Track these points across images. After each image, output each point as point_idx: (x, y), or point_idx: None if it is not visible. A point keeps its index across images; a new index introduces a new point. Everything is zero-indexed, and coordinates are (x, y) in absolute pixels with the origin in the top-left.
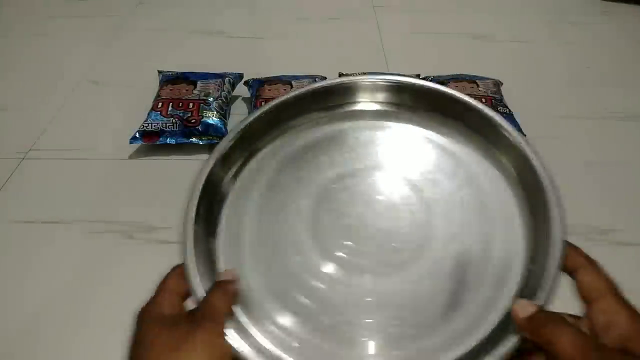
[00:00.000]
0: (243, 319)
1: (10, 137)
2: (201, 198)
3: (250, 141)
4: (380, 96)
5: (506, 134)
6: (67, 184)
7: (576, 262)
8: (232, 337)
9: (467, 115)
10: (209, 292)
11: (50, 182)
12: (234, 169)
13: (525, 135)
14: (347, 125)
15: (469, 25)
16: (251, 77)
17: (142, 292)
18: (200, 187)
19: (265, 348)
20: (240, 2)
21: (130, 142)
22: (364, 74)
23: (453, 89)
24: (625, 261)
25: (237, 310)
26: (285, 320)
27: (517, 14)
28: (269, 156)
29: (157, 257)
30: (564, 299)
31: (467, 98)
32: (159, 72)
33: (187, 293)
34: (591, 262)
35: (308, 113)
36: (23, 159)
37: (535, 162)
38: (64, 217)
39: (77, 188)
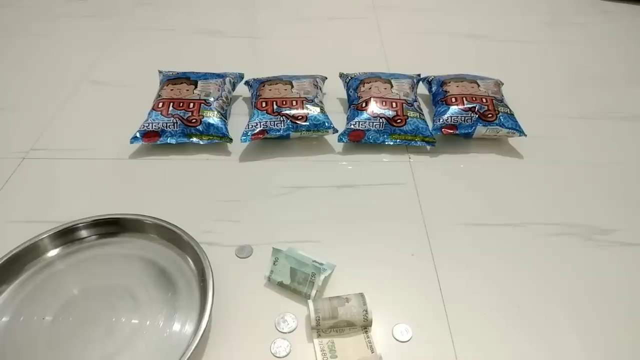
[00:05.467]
0: None
1: (11, 137)
2: None
3: None
4: None
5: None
6: (67, 183)
7: None
8: None
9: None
10: None
11: (51, 182)
12: None
13: (526, 135)
14: None
15: (470, 25)
16: (252, 77)
17: None
18: None
19: None
20: (241, 2)
21: (131, 142)
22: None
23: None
24: (625, 262)
25: None
26: None
27: (517, 14)
28: None
29: None
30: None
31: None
32: (160, 71)
33: None
34: None
35: None
36: (24, 158)
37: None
38: (64, 218)
39: (77, 188)
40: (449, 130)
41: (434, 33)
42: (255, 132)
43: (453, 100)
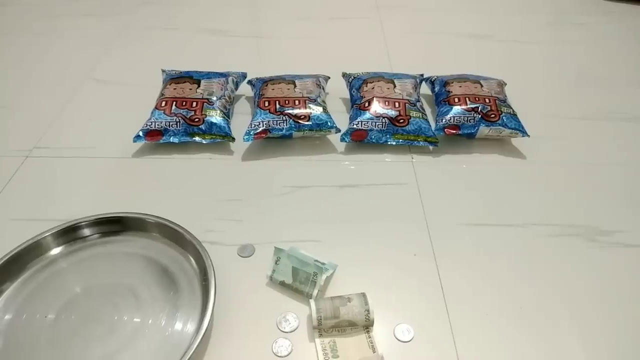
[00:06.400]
0: None
1: (14, 135)
2: None
3: None
4: None
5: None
6: (70, 182)
7: None
8: None
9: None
10: None
11: (54, 180)
12: None
13: (529, 135)
14: None
15: (474, 25)
16: (255, 77)
17: None
18: None
19: None
20: (244, 2)
21: (134, 141)
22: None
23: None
24: (626, 263)
25: None
26: None
27: (520, 14)
28: None
29: None
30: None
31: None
32: (163, 70)
33: None
34: None
35: None
36: (27, 157)
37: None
38: (66, 216)
39: (80, 186)
40: (452, 131)
41: (437, 33)
42: (258, 131)
43: (456, 100)
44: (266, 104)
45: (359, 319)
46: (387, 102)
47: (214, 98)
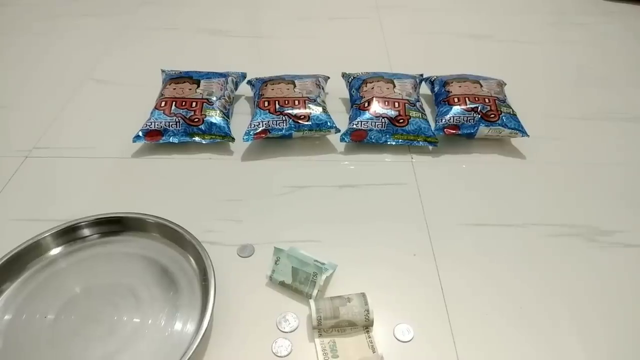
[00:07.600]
0: None
1: (14, 136)
2: None
3: None
4: None
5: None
6: (69, 182)
7: None
8: None
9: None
10: None
11: (53, 180)
12: None
13: (529, 135)
14: None
15: (473, 25)
16: (254, 77)
17: None
18: None
19: None
20: (244, 2)
21: (134, 141)
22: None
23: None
24: (626, 263)
25: None
26: None
27: (519, 15)
28: None
29: None
30: None
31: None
32: (163, 71)
33: None
34: None
35: None
36: (26, 157)
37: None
38: (66, 216)
39: (80, 186)
40: (452, 131)
41: (436, 33)
42: (258, 131)
43: (455, 100)
44: (266, 104)
45: (359, 319)
46: (386, 102)
47: (214, 98)
